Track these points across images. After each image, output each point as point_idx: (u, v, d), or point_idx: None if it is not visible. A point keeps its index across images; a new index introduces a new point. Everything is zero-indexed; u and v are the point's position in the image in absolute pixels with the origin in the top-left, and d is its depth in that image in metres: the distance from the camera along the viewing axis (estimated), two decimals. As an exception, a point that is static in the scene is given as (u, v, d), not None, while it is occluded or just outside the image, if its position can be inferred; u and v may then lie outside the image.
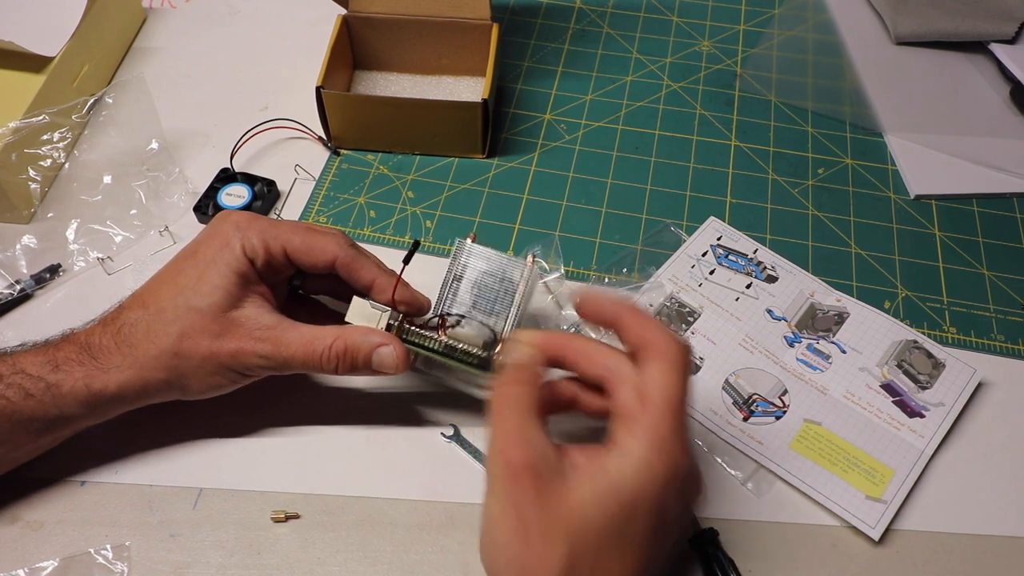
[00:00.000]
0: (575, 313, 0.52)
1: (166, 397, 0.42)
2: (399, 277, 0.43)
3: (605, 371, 0.36)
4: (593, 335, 0.47)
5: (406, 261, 0.43)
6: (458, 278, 0.44)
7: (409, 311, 0.44)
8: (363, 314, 0.43)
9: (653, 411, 0.33)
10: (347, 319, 0.43)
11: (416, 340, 0.43)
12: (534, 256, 0.45)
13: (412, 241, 0.49)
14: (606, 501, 0.32)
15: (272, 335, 0.41)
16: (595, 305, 0.39)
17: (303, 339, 0.41)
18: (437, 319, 0.44)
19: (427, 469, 0.46)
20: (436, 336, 0.43)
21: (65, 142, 0.58)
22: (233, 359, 0.41)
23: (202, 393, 0.42)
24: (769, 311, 0.53)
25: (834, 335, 0.51)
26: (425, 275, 0.47)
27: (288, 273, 0.45)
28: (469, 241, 0.45)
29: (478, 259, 0.45)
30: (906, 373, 0.49)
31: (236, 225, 0.42)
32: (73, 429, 0.42)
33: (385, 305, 0.43)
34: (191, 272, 0.41)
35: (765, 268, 0.55)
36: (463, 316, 0.43)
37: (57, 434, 0.42)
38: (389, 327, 0.43)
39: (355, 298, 0.43)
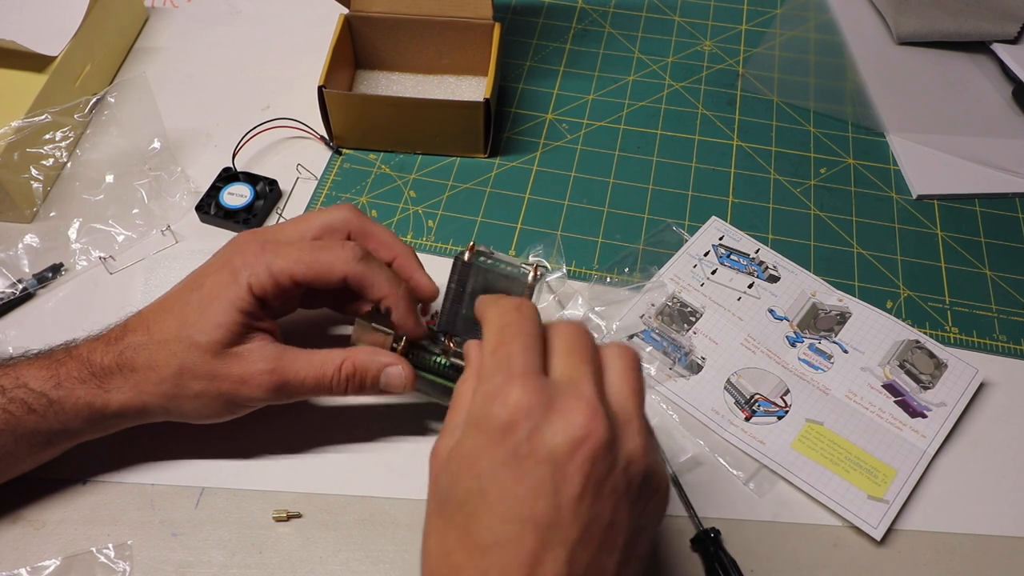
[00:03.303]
0: (577, 312, 0.52)
1: (165, 419, 0.43)
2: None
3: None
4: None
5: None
6: (458, 294, 0.43)
7: (413, 337, 0.44)
8: (367, 338, 0.43)
9: (480, 355, 0.34)
10: (352, 342, 0.43)
11: (421, 364, 0.43)
12: (537, 268, 0.43)
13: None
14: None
15: (278, 366, 0.41)
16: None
17: (312, 364, 0.41)
18: (442, 337, 0.43)
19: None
20: (440, 358, 0.43)
21: (67, 141, 0.58)
22: (234, 393, 0.41)
23: (199, 420, 0.43)
24: (771, 311, 0.53)
25: (836, 335, 0.51)
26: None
27: (302, 291, 0.44)
28: (465, 258, 0.43)
29: (477, 275, 0.43)
30: (908, 373, 0.49)
31: (245, 260, 0.41)
32: (75, 442, 0.42)
33: (389, 328, 0.43)
34: (196, 305, 0.41)
35: (767, 268, 0.55)
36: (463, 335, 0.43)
37: (59, 447, 0.42)
38: (392, 350, 0.43)
39: (357, 320, 0.43)
